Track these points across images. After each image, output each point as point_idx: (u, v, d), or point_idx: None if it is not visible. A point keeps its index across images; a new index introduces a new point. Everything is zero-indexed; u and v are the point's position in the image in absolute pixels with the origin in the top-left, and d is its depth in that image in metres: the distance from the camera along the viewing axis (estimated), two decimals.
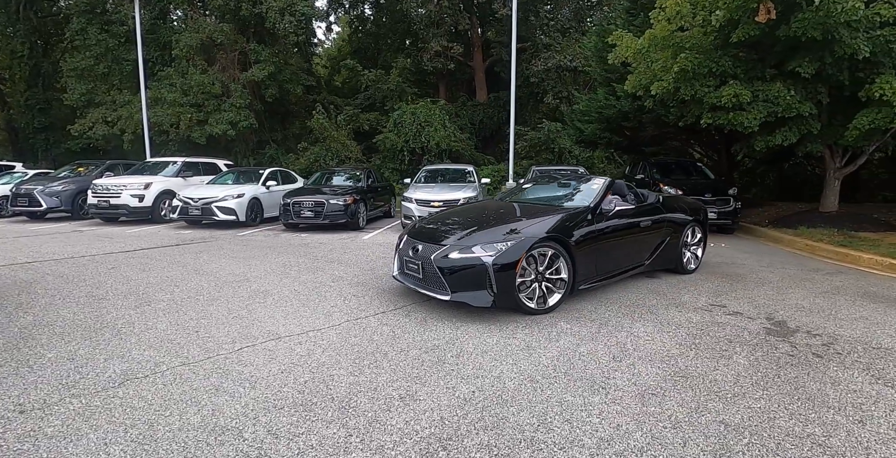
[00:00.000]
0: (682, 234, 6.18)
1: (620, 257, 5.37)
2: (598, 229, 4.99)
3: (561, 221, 4.75)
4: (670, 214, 6.07)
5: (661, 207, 5.98)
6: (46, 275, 6.19)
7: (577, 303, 4.92)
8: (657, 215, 5.85)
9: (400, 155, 19.56)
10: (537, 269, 4.48)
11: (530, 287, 4.47)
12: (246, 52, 19.93)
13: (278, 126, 23.14)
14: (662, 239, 5.92)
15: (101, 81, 20.50)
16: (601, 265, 5.03)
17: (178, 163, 12.69)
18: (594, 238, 4.92)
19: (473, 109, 24.72)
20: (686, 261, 6.35)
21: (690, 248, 6.47)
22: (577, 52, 21.70)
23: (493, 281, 4.23)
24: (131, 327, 4.14)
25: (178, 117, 18.27)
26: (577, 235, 4.73)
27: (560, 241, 4.57)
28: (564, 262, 4.58)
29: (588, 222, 4.92)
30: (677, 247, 6.14)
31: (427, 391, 3.02)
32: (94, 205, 11.35)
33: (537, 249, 4.43)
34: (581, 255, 4.70)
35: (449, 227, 4.99)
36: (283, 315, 4.48)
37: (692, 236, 6.47)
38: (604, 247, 5.06)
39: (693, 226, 6.41)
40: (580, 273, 4.72)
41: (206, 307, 4.72)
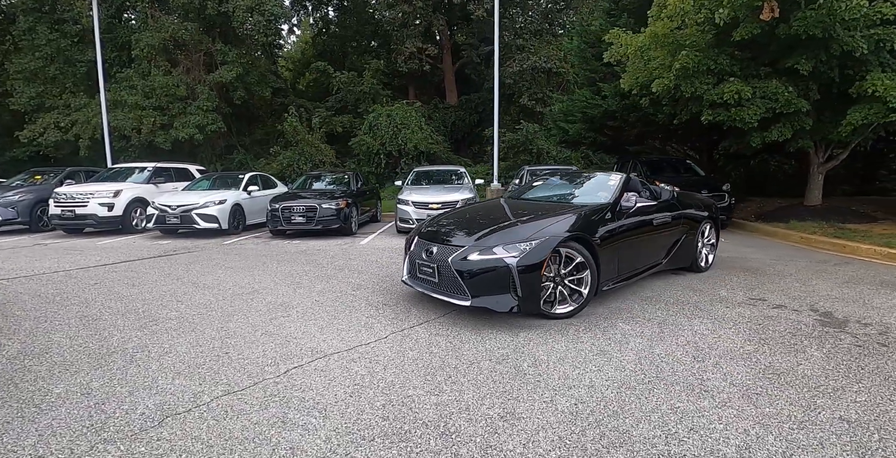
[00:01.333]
0: (698, 231, 5.99)
1: (640, 256, 5.13)
2: (619, 226, 4.73)
3: (583, 219, 4.47)
4: (687, 210, 5.87)
5: (677, 204, 5.76)
6: (20, 294, 5.47)
7: (619, 302, 4.76)
8: (675, 212, 5.64)
9: (376, 158, 19.05)
10: (559, 270, 4.19)
11: (553, 290, 4.18)
12: (212, 52, 19.01)
13: (246, 130, 22.21)
14: (679, 237, 5.72)
15: (53, 84, 19.12)
16: (622, 265, 4.76)
17: (149, 168, 11.81)
18: (616, 237, 4.65)
19: (445, 111, 24.46)
20: (702, 259, 6.15)
21: (707, 245, 6.29)
22: (552, 54, 21.77)
23: (517, 284, 3.92)
24: (146, 351, 3.57)
25: (140, 121, 17.19)
26: (599, 233, 4.45)
27: (583, 240, 4.27)
28: (588, 262, 4.25)
29: (609, 220, 4.66)
30: (693, 245, 5.93)
31: (525, 407, 2.72)
32: (57, 215, 10.39)
33: (560, 248, 4.12)
34: (604, 254, 4.40)
35: (464, 227, 4.65)
36: (317, 330, 4.00)
37: (708, 233, 6.29)
38: (624, 245, 4.79)
39: (708, 223, 6.23)
40: (603, 274, 4.42)
41: (224, 324, 4.18)
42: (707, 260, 6.27)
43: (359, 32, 26.65)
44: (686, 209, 5.87)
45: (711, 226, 6.35)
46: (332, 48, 28.05)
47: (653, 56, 9.70)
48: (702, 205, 6.33)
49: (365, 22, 25.64)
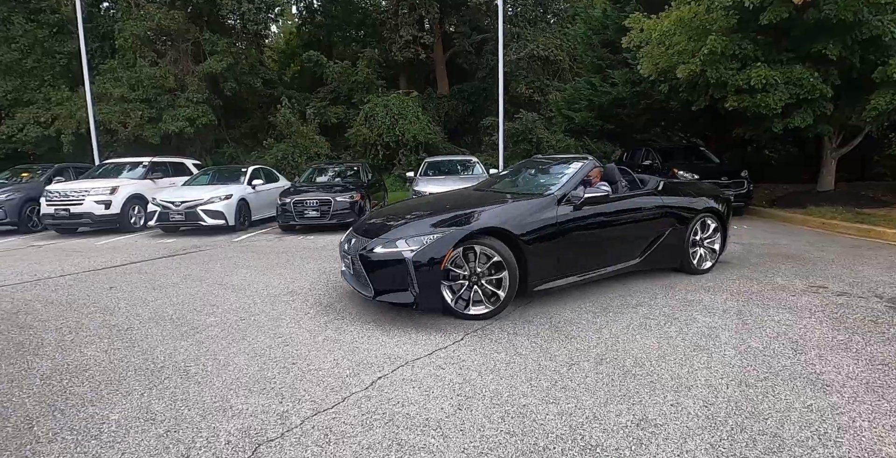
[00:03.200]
0: (689, 227, 5.16)
1: (598, 253, 4.57)
2: (565, 220, 4.23)
3: (511, 212, 4.11)
4: (671, 203, 5.08)
5: (657, 196, 5.03)
6: (30, 302, 4.99)
7: (683, 293, 4.50)
8: (651, 205, 4.93)
9: (373, 149, 18.56)
10: (475, 268, 3.85)
11: (468, 289, 3.87)
12: (199, 42, 18.23)
13: (235, 123, 21.49)
14: (660, 232, 4.98)
15: (30, 77, 18.17)
16: (568, 262, 4.31)
17: (145, 163, 11.20)
18: (559, 231, 4.18)
19: (438, 101, 23.98)
20: (696, 259, 5.30)
21: (703, 243, 5.38)
22: (549, 42, 21.41)
23: (413, 279, 3.65)
24: (200, 365, 3.17)
25: (127, 115, 16.42)
26: (530, 227, 4.03)
27: (504, 236, 3.90)
28: (506, 262, 3.83)
29: (550, 213, 4.19)
30: (682, 242, 5.13)
31: (655, 412, 2.49)
32: (49, 215, 9.77)
33: (473, 244, 3.79)
34: (536, 251, 4.02)
35: (392, 219, 4.35)
36: (381, 332, 3.64)
37: (703, 228, 5.36)
38: (572, 241, 4.30)
39: (704, 217, 5.32)
40: (534, 272, 4.03)
41: (275, 329, 3.79)
42: (706, 260, 5.38)
43: (345, 21, 25.92)
44: (671, 202, 5.08)
45: (711, 221, 5.40)
46: (319, 38, 27.27)
47: (676, 41, 9.42)
48: (700, 196, 5.42)
49: (352, 11, 24.93)
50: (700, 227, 5.33)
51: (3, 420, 2.59)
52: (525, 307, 4.19)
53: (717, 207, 5.46)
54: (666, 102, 12.22)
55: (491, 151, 20.71)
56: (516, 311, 4.10)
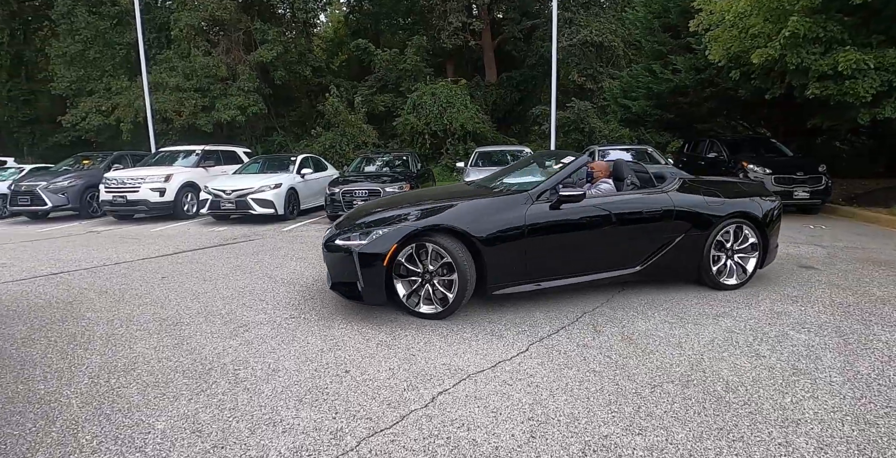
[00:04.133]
0: (710, 233, 4.34)
1: (582, 258, 4.10)
2: (537, 220, 3.86)
3: (472, 209, 3.85)
4: (684, 205, 4.31)
5: (666, 197, 4.31)
6: (85, 290, 5.00)
7: (767, 303, 4.02)
8: (656, 207, 4.25)
9: (420, 138, 18.32)
10: (427, 266, 3.71)
11: (419, 285, 3.76)
12: (250, 32, 18.39)
13: (284, 111, 21.70)
14: (669, 238, 4.28)
15: (93, 68, 18.83)
16: (540, 265, 3.91)
17: (198, 152, 11.34)
18: (529, 231, 3.81)
19: (486, 89, 23.48)
20: (718, 271, 4.44)
21: (733, 255, 4.51)
22: (603, 27, 20.53)
23: (359, 272, 3.65)
24: (249, 369, 2.99)
25: (182, 103, 16.78)
26: (491, 226, 3.73)
27: (461, 235, 3.65)
28: (456, 263, 3.59)
29: (518, 212, 3.84)
30: (699, 251, 4.34)
31: (762, 452, 2.11)
32: (108, 201, 10.03)
33: (425, 241, 3.65)
34: (497, 252, 3.73)
35: (367, 212, 4.33)
36: (439, 338, 3.37)
37: (734, 237, 4.48)
38: (546, 243, 3.93)
39: (734, 223, 4.42)
40: (495, 274, 3.74)
41: (326, 331, 3.58)
42: (733, 276, 4.50)
43: (393, 9, 25.70)
44: (684, 203, 4.30)
45: (745, 230, 4.47)
46: (366, 26, 27.20)
47: (751, 23, 8.65)
48: (733, 197, 4.56)
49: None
50: (728, 234, 4.44)
51: (49, 424, 2.47)
52: (592, 314, 3.83)
53: (754, 212, 4.49)
54: (734, 90, 11.37)
55: (540, 141, 20.14)
56: (583, 317, 3.75)
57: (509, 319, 3.73)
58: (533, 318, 3.73)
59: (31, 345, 3.57)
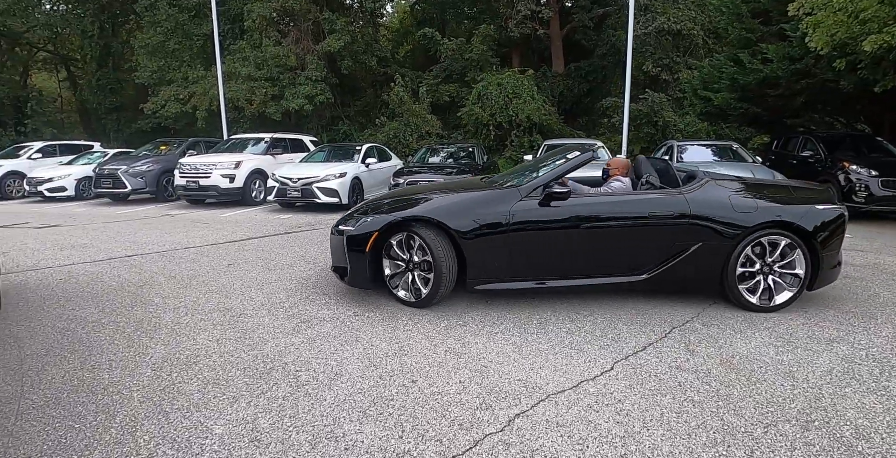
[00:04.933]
0: (737, 244, 3.70)
1: (576, 260, 3.82)
2: (525, 217, 3.72)
3: (457, 202, 3.88)
4: (703, 210, 3.73)
5: (682, 199, 3.76)
6: (155, 275, 5.07)
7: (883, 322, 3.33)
8: (668, 211, 3.74)
9: (485, 129, 17.92)
10: (412, 257, 3.82)
11: (402, 271, 3.91)
12: (319, 22, 18.60)
13: (350, 101, 21.91)
14: (684, 246, 3.74)
15: (172, 58, 19.70)
16: (527, 264, 3.77)
17: (267, 139, 11.55)
18: (514, 228, 3.70)
19: (553, 80, 22.71)
20: (753, 291, 3.75)
21: (771, 272, 3.77)
22: (683, 14, 19.30)
23: (346, 255, 3.93)
24: (311, 371, 2.82)
25: (253, 92, 17.23)
26: (474, 220, 3.70)
27: (438, 225, 3.70)
28: (434, 257, 3.64)
29: (504, 207, 3.74)
30: (720, 263, 3.73)
31: None
32: (182, 186, 10.39)
33: (413, 233, 3.74)
34: (478, 246, 3.70)
35: (381, 199, 4.57)
36: (513, 349, 3.07)
37: (771, 250, 3.73)
38: (534, 241, 3.77)
39: (769, 235, 3.70)
40: (475, 270, 3.72)
41: (392, 333, 3.37)
42: (765, 296, 3.77)
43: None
44: (703, 209, 3.71)
45: (790, 242, 3.70)
46: (432, 16, 26.99)
47: (863, 6, 7.70)
48: (781, 203, 3.82)
49: None
50: (763, 247, 3.75)
51: (110, 419, 2.39)
52: (682, 330, 3.41)
53: (798, 222, 3.68)
54: (834, 82, 10.29)
55: (609, 134, 19.29)
56: (672, 333, 3.34)
57: (589, 330, 3.37)
58: (616, 330, 3.36)
59: (100, 330, 3.58)
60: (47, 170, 12.69)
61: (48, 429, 2.34)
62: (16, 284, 4.90)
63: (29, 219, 9.37)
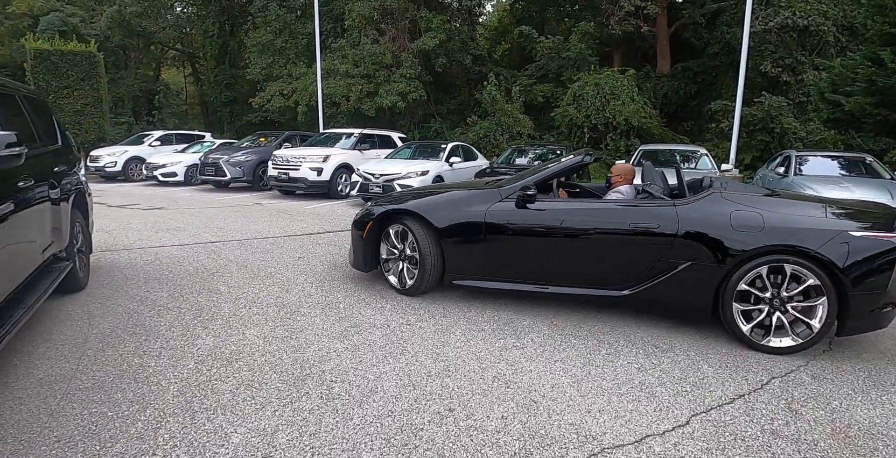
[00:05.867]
0: (729, 269, 3.13)
1: (552, 266, 3.69)
2: (500, 218, 3.75)
3: (444, 200, 4.07)
4: (698, 226, 3.25)
5: (672, 211, 3.33)
6: (229, 263, 5.19)
7: None
8: (651, 222, 3.36)
9: (578, 132, 17.15)
10: (403, 248, 4.12)
11: (395, 260, 4.22)
12: (416, 20, 18.77)
13: (443, 99, 21.97)
14: (672, 263, 3.29)
15: (279, 56, 20.81)
16: (500, 265, 3.80)
17: (356, 135, 11.77)
18: (488, 228, 3.76)
19: (657, 81, 21.31)
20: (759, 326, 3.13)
21: (783, 306, 3.09)
22: (811, 8, 17.27)
23: (351, 240, 4.49)
24: (346, 383, 2.63)
25: (349, 89, 17.74)
26: (453, 218, 3.87)
27: (422, 219, 3.93)
28: (420, 245, 3.90)
29: (482, 207, 3.82)
30: (711, 288, 3.19)
31: None
32: (273, 177, 10.84)
33: (401, 223, 4.07)
34: (455, 243, 3.89)
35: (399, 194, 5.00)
36: (571, 383, 2.69)
37: (780, 279, 3.08)
38: (508, 243, 3.79)
39: (777, 261, 3.06)
40: (452, 265, 3.92)
41: (439, 349, 3.11)
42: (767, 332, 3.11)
43: None
44: (698, 224, 3.23)
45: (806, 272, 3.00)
46: (531, 14, 26.40)
47: None
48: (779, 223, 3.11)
49: None
50: (771, 275, 3.09)
51: (140, 411, 2.35)
52: (784, 381, 2.82)
53: (819, 249, 2.96)
54: None
55: (717, 141, 17.74)
56: (771, 384, 2.76)
57: (666, 369, 2.88)
58: (699, 373, 2.84)
59: (163, 314, 3.66)
60: (162, 156, 13.83)
61: (84, 413, 2.35)
62: (109, 262, 5.24)
63: (140, 200, 10.20)
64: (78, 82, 16.48)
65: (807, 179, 7.56)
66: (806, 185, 7.22)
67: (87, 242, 4.67)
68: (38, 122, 4.05)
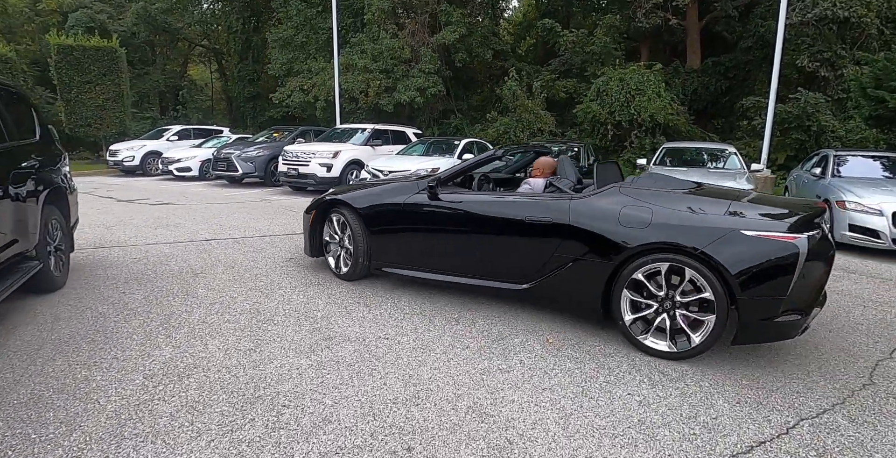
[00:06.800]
0: (614, 266, 2.99)
1: (458, 258, 3.78)
2: (413, 209, 3.91)
3: (373, 191, 4.25)
4: (584, 220, 3.14)
5: (565, 205, 3.25)
6: (218, 262, 4.95)
7: None
8: (543, 216, 3.30)
9: (602, 129, 16.55)
10: (343, 237, 4.34)
11: (336, 249, 4.45)
12: (436, 14, 18.38)
13: (464, 95, 21.57)
14: (562, 260, 3.23)
15: (300, 51, 20.70)
16: (414, 254, 3.97)
17: (368, 130, 11.48)
18: (403, 218, 3.99)
19: (686, 76, 20.50)
20: (645, 329, 2.97)
21: (674, 308, 2.87)
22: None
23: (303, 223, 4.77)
24: (297, 413, 2.31)
25: (368, 84, 17.48)
26: (376, 208, 4.09)
27: (352, 208, 4.19)
28: (354, 234, 4.16)
29: (400, 198, 3.99)
30: (598, 286, 3.07)
31: None
32: (283, 173, 10.64)
33: (336, 212, 4.33)
34: (378, 232, 4.09)
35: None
36: (557, 420, 2.30)
37: (678, 282, 2.85)
38: (420, 234, 3.95)
39: (664, 261, 2.84)
40: (377, 253, 4.12)
41: (412, 369, 2.76)
42: (669, 337, 2.88)
43: None
44: (585, 220, 3.13)
45: (692, 274, 2.77)
46: (557, 8, 25.76)
47: None
48: (667, 220, 2.90)
49: None
50: (673, 275, 2.86)
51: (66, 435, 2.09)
52: (815, 423, 2.36)
53: (703, 248, 2.72)
54: None
55: (748, 139, 16.95)
56: (800, 427, 2.32)
57: (673, 405, 2.45)
58: (712, 411, 2.41)
59: (130, 319, 3.41)
60: (178, 151, 13.81)
61: (7, 434, 2.11)
62: (97, 259, 5.04)
63: (150, 195, 10.12)
64: (100, 77, 16.62)
65: (846, 181, 6.95)
66: (844, 188, 6.62)
67: (68, 240, 4.46)
68: (9, 115, 3.85)
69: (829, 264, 2.89)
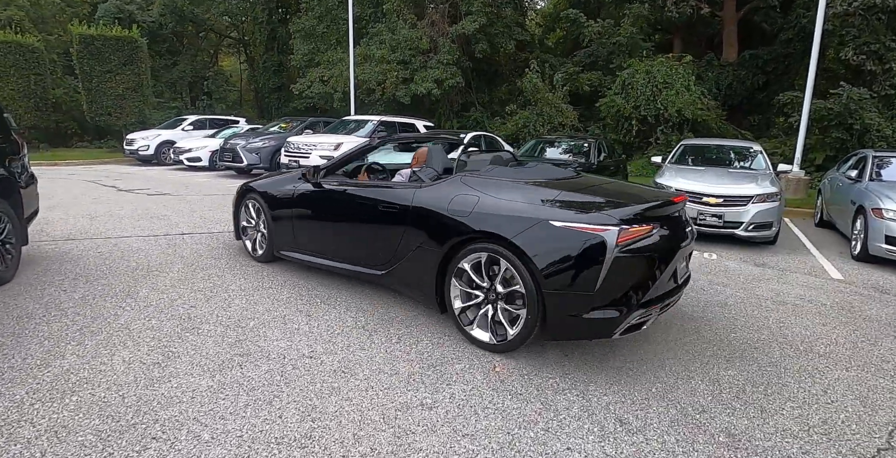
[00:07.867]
0: (444, 253, 3.01)
1: (335, 244, 3.91)
2: (298, 196, 4.13)
3: (275, 179, 4.55)
4: (424, 208, 3.18)
5: (410, 194, 3.31)
6: (179, 258, 4.70)
7: None
8: (392, 204, 3.38)
9: (626, 124, 15.81)
10: (259, 221, 4.56)
11: (252, 229, 4.69)
12: (456, 4, 17.86)
13: (485, 87, 21.01)
14: (407, 247, 3.27)
15: (321, 41, 20.50)
16: (304, 239, 4.12)
17: (374, 122, 11.14)
18: (293, 205, 4.17)
19: (720, 70, 19.44)
20: (472, 319, 2.97)
21: (497, 299, 2.84)
22: None
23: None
24: (166, 447, 1.96)
25: (385, 75, 17.12)
26: (275, 195, 4.33)
27: (260, 194, 4.46)
28: (264, 216, 4.42)
29: (289, 186, 4.23)
30: (431, 271, 3.09)
31: None
32: (285, 165, 10.40)
33: (252, 198, 4.57)
34: (276, 218, 4.31)
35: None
36: None
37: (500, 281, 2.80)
38: (303, 220, 4.14)
39: (485, 251, 2.83)
40: (277, 238, 4.34)
41: (320, 396, 2.39)
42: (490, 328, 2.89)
43: None
44: (424, 206, 3.19)
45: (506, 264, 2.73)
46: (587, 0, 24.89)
47: None
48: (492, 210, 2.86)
49: None
50: (494, 266, 2.83)
51: None
52: None
53: (514, 240, 2.67)
54: None
55: (784, 137, 15.95)
56: None
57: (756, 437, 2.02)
58: None
59: (52, 322, 3.15)
60: (190, 141, 13.76)
61: None
62: (59, 252, 4.84)
63: (153, 185, 10.02)
64: (120, 67, 16.73)
65: (885, 186, 6.21)
66: (883, 193, 5.89)
67: (19, 233, 4.24)
68: None
69: (670, 259, 2.70)
